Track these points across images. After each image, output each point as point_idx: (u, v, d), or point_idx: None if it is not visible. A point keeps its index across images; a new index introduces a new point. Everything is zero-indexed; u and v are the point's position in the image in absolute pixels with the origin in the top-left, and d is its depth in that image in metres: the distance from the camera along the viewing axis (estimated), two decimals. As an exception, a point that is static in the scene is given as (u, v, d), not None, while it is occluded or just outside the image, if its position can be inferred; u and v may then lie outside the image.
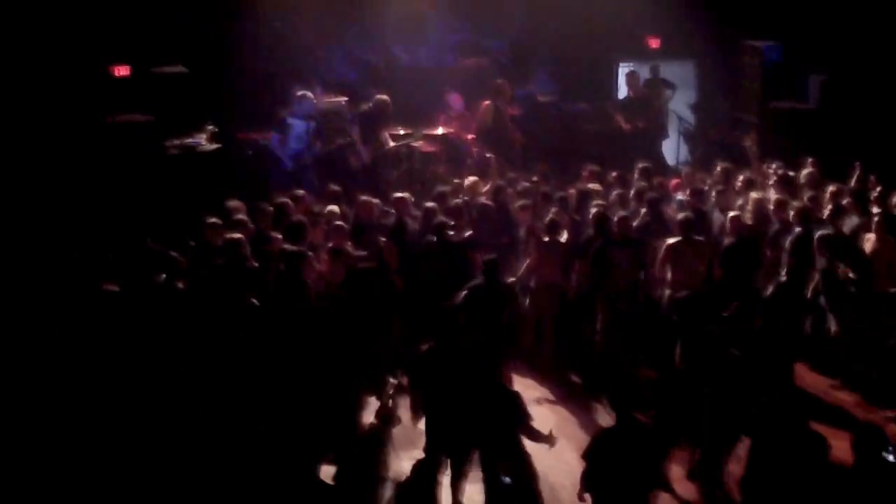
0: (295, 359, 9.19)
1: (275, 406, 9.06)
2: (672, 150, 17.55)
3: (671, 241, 10.95)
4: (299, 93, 14.08)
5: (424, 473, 7.71)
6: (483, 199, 12.41)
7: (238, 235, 10.16)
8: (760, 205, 11.73)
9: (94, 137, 13.29)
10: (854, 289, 10.60)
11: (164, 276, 9.72)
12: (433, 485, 8.05)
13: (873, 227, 10.97)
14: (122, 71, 14.07)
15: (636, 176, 13.05)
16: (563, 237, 11.16)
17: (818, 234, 10.75)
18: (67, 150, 13.04)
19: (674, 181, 13.39)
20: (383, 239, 10.90)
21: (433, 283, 10.71)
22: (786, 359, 9.42)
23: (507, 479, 7.10)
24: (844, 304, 10.65)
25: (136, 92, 14.01)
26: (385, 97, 14.58)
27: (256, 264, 10.07)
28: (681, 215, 11.16)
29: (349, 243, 10.73)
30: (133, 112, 13.73)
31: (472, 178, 12.99)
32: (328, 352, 9.29)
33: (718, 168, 13.18)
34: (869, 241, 10.93)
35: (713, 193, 12.16)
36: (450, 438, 8.27)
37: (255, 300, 9.46)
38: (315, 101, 14.64)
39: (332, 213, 11.58)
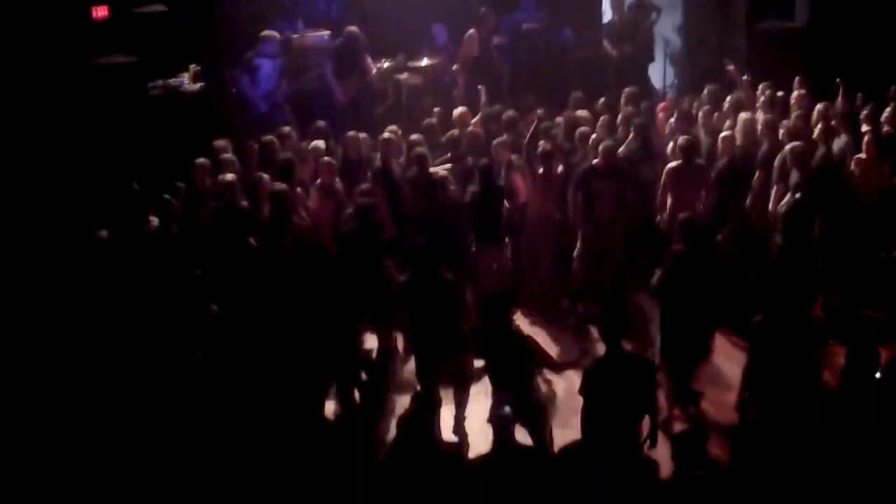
0: (293, 297, 9.20)
1: (276, 345, 9.12)
2: (659, 74, 17.46)
3: (672, 165, 10.95)
4: (263, 33, 13.99)
5: (422, 406, 7.81)
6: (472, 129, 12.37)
7: (231, 177, 10.18)
8: (750, 126, 11.66)
9: (78, 81, 13.23)
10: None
11: (158, 220, 9.71)
12: (431, 417, 8.18)
13: (864, 146, 10.92)
14: (101, 12, 13.91)
15: (623, 102, 13.02)
16: (559, 169, 11.10)
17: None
18: (50, 94, 12.98)
19: (661, 105, 13.34)
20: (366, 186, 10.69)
21: (421, 222, 10.67)
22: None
23: (507, 409, 7.15)
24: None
25: (117, 33, 13.89)
26: (354, 28, 14.39)
27: (246, 204, 10.10)
28: (682, 138, 11.10)
29: (338, 180, 10.73)
30: (114, 54, 13.57)
31: (460, 109, 12.90)
32: (324, 291, 9.31)
33: (706, 91, 13.12)
34: (859, 162, 10.89)
35: (700, 116, 12.13)
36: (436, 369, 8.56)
37: (253, 242, 9.49)
38: (292, 38, 14.61)
39: (318, 149, 11.57)
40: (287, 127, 12.28)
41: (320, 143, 11.74)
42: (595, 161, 10.88)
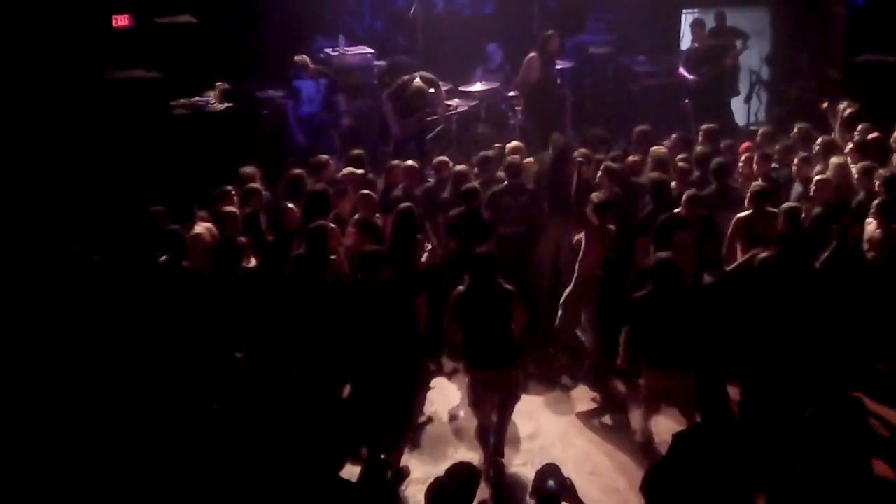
0: (319, 345, 9.25)
1: (298, 399, 9.14)
2: (742, 109, 17.46)
3: (741, 214, 10.84)
4: (296, 58, 14.20)
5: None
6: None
7: (230, 209, 10.27)
8: (842, 172, 11.54)
9: (92, 96, 13.34)
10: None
11: (167, 255, 9.74)
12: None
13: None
14: (122, 21, 14.08)
15: (700, 138, 12.99)
16: (612, 225, 10.92)
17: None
18: (62, 110, 13.10)
19: (744, 145, 13.26)
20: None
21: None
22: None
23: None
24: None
25: (139, 45, 14.04)
26: (422, 85, 14.43)
27: (272, 238, 10.20)
28: (755, 184, 10.97)
29: (379, 215, 10.80)
30: (135, 68, 13.76)
31: (514, 143, 12.81)
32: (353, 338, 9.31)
33: (796, 130, 13.05)
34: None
35: (794, 159, 12.01)
36: None
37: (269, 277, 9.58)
38: (332, 55, 14.83)
39: (356, 177, 11.67)
40: (325, 156, 12.32)
41: (357, 173, 11.89)
42: (677, 209, 10.79)
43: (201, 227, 10.47)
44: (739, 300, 9.25)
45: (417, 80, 14.38)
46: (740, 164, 12.29)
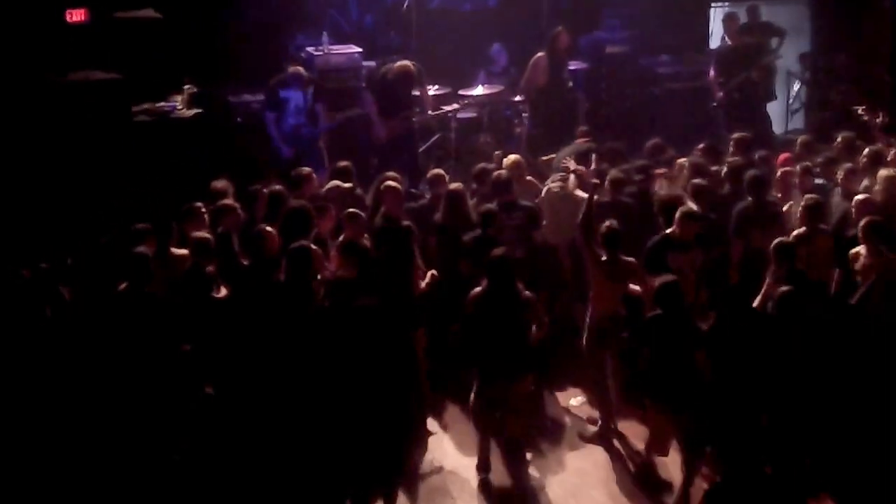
0: (299, 383, 9.25)
1: (273, 443, 9.17)
2: (780, 115, 17.49)
3: (797, 232, 10.80)
4: (291, 70, 14.17)
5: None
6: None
7: (202, 234, 10.25)
8: (891, 185, 11.47)
9: (42, 100, 13.26)
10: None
11: (129, 281, 9.73)
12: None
13: None
14: (77, 16, 14.02)
15: (731, 149, 13.02)
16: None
17: None
18: (9, 115, 13.04)
19: (782, 156, 13.28)
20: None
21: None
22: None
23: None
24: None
25: (96, 42, 13.98)
26: (407, 63, 14.52)
27: (246, 262, 10.22)
28: (807, 198, 10.99)
29: (366, 236, 10.79)
30: (91, 68, 13.75)
31: (512, 157, 12.72)
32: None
33: (839, 139, 13.07)
34: None
35: (838, 172, 12.00)
36: None
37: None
38: (315, 55, 14.95)
39: (340, 192, 11.71)
40: (307, 168, 12.32)
41: (342, 188, 11.93)
42: (671, 229, 10.72)
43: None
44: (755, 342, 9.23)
45: (400, 62, 14.54)
46: (777, 178, 12.27)
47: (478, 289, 9.73)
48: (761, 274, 10.18)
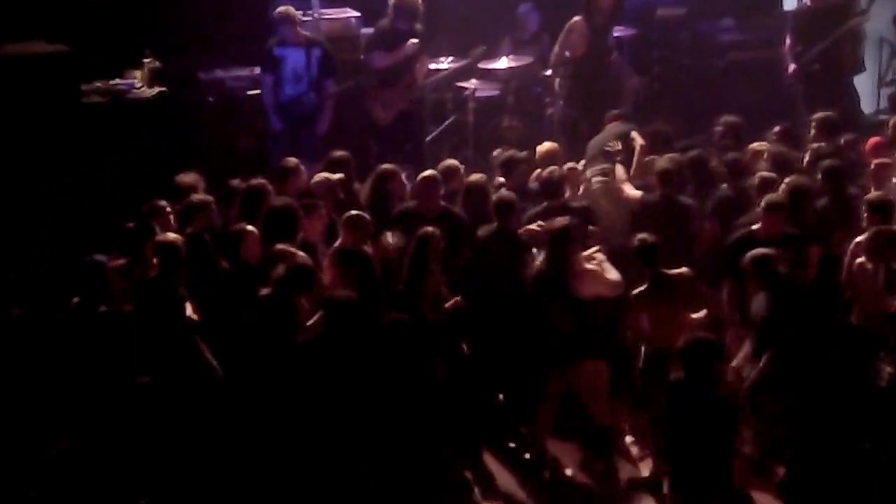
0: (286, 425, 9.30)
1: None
2: (870, 92, 17.44)
3: (862, 238, 10.78)
4: (278, 10, 14.27)
5: None
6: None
7: (173, 237, 10.19)
8: None
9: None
10: None
11: (81, 297, 9.77)
12: None
13: None
14: (16, -22, 14.16)
15: (812, 132, 13.00)
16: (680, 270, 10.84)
17: None
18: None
19: (872, 141, 13.24)
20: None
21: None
22: None
23: None
24: None
25: (39, 10, 14.07)
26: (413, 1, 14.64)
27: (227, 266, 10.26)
28: (872, 195, 10.99)
29: (369, 242, 10.79)
30: (33, 39, 13.77)
31: (547, 146, 12.89)
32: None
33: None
34: None
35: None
36: None
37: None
38: (306, 18, 14.92)
39: (330, 184, 11.74)
40: (293, 159, 12.27)
41: (333, 181, 11.91)
42: (755, 226, 10.84)
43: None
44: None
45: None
46: (870, 169, 12.17)
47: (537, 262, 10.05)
48: (839, 285, 10.35)
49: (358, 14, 15.50)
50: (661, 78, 16.61)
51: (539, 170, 12.36)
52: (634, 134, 12.69)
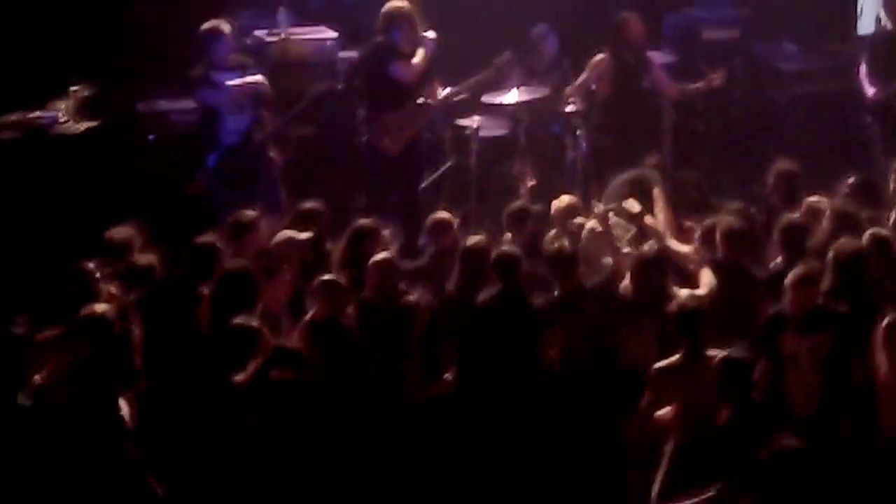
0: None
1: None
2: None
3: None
4: (207, 25, 14.25)
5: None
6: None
7: (103, 308, 10.26)
8: None
9: None
10: None
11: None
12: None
13: None
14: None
15: (893, 185, 13.17)
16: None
17: None
18: None
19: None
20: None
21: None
22: None
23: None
24: None
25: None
26: (400, 3, 14.63)
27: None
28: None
29: (351, 307, 10.90)
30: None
31: (566, 199, 12.92)
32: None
33: None
34: None
35: None
36: None
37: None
38: (268, 41, 15.26)
39: (295, 244, 11.88)
40: (251, 212, 12.28)
41: (299, 241, 11.95)
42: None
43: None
44: None
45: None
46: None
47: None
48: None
49: (334, 35, 15.70)
50: (707, 115, 16.70)
51: (555, 229, 12.43)
52: (657, 190, 12.75)
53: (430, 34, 14.70)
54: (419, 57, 14.53)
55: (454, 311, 11.30)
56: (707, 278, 11.34)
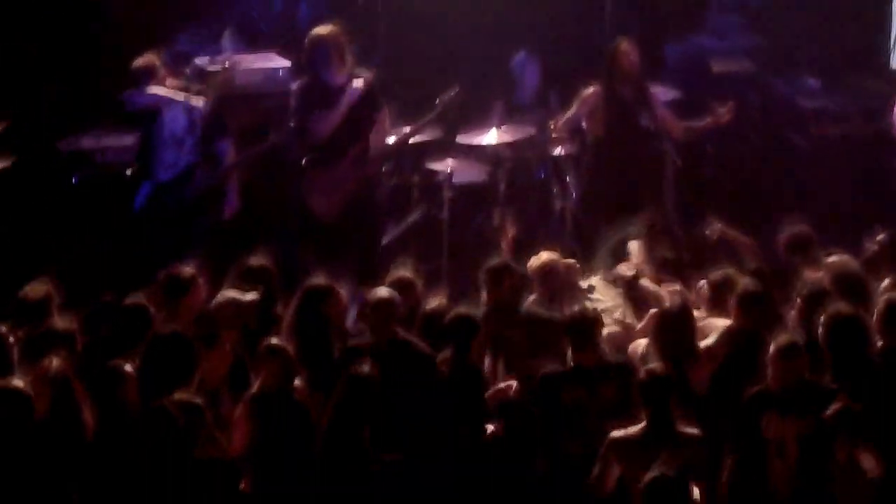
0: None
1: None
2: None
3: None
4: (136, 63, 14.36)
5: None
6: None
7: (14, 387, 10.25)
8: None
9: None
10: None
11: None
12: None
13: None
14: None
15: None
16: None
17: None
18: None
19: None
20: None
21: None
22: None
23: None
24: None
25: None
26: (323, 30, 14.64)
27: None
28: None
29: (298, 379, 10.98)
30: None
31: (545, 257, 12.90)
32: None
33: None
34: None
35: None
36: None
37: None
38: (208, 68, 15.27)
39: (238, 305, 12.00)
40: (188, 269, 12.26)
41: (243, 303, 11.95)
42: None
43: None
44: None
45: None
46: None
47: None
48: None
49: (287, 63, 15.77)
50: (718, 160, 16.86)
51: (535, 293, 12.55)
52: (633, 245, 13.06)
53: (363, 74, 14.71)
54: (345, 102, 14.52)
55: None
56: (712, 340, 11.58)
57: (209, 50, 15.90)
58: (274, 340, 11.11)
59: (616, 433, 10.34)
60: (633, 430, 10.32)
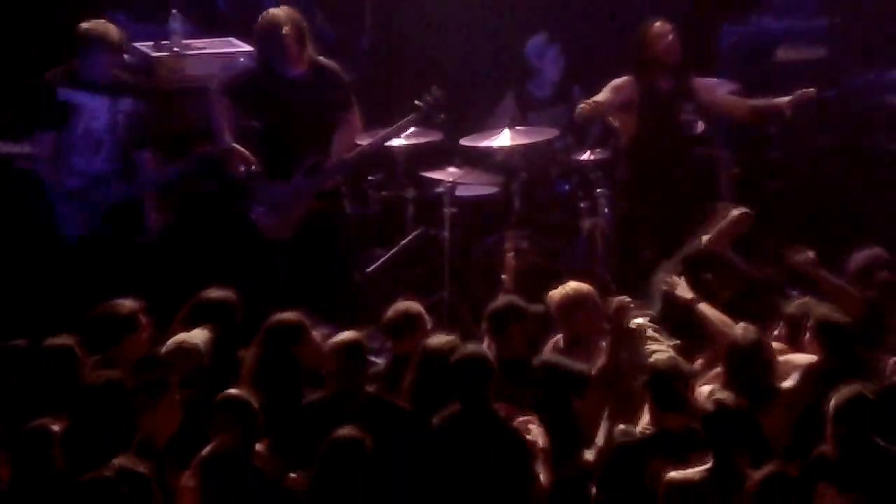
0: None
1: None
2: None
3: None
4: (87, 24, 14.07)
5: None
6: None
7: None
8: None
9: None
10: None
11: None
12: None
13: None
14: None
15: None
16: None
17: None
18: None
19: None
20: None
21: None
22: None
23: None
24: None
25: None
26: (275, 11, 14.47)
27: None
28: None
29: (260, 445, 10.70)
30: None
31: (571, 287, 12.63)
32: None
33: None
34: None
35: None
36: None
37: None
38: (151, 54, 15.18)
39: (187, 350, 11.56)
40: (128, 302, 12.10)
41: (191, 347, 11.80)
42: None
43: None
44: None
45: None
46: None
47: None
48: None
49: (247, 48, 15.46)
50: (784, 168, 16.55)
51: (560, 335, 12.41)
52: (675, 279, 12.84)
53: (327, 63, 14.49)
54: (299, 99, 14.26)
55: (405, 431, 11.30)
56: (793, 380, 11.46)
57: (154, 33, 15.63)
58: (233, 391, 10.84)
59: (674, 474, 10.36)
60: (695, 471, 10.35)
